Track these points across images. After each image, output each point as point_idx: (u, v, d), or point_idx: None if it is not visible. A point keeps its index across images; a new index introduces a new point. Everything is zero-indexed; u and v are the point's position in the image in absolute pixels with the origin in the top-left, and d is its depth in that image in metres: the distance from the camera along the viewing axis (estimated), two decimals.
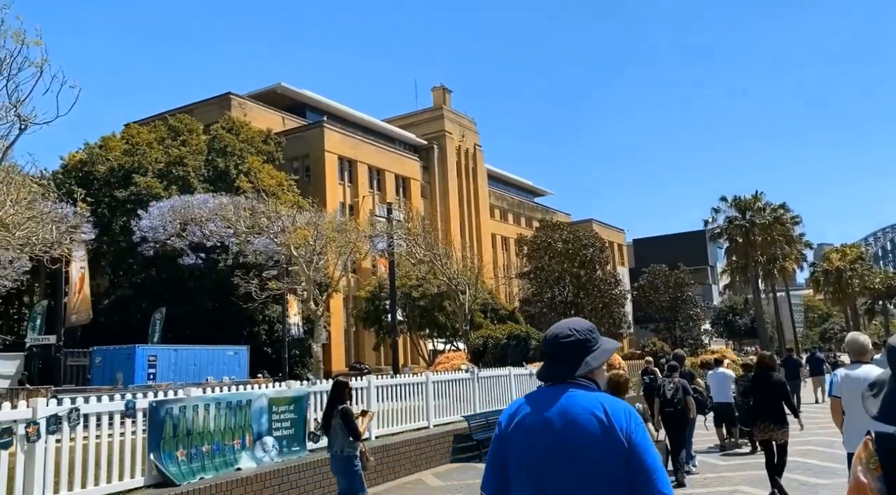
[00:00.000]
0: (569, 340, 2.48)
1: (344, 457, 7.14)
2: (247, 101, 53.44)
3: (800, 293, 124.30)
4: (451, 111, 67.90)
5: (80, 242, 23.65)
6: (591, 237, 25.03)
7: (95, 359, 28.26)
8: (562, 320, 2.66)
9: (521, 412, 2.46)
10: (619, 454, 2.22)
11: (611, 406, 2.32)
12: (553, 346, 2.51)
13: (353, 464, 7.12)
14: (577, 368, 2.42)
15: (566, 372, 2.43)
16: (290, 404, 9.63)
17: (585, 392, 2.38)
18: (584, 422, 2.28)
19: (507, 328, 23.66)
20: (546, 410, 2.36)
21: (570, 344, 2.47)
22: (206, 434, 8.20)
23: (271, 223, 19.45)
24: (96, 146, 43.08)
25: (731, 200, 46.50)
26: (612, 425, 2.26)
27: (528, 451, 2.35)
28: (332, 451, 7.30)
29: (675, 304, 35.04)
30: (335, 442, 7.23)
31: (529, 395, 2.53)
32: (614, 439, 2.24)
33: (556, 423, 2.31)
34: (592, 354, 2.47)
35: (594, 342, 2.51)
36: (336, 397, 7.34)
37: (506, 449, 2.44)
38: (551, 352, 2.52)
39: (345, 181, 52.77)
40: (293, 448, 9.53)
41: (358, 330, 48.28)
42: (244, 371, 31.92)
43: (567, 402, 2.35)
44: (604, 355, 2.51)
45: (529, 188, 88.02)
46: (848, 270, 52.72)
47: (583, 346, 2.47)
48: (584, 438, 2.26)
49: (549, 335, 2.53)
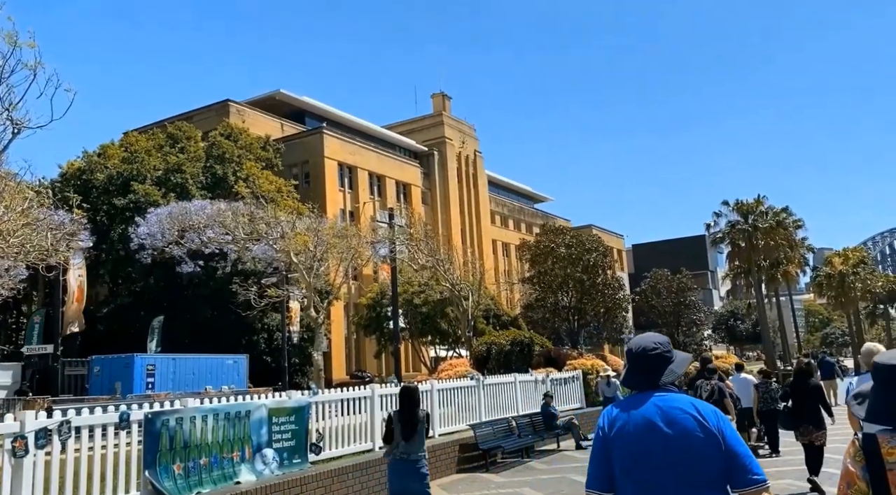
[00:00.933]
0: (655, 352, 2.83)
1: (420, 459, 7.25)
2: (245, 107, 53.28)
3: (800, 298, 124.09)
4: (450, 117, 67.78)
5: (77, 250, 23.36)
6: (594, 241, 24.73)
7: (94, 368, 27.92)
8: (642, 334, 3.02)
9: (620, 418, 2.75)
10: (717, 445, 2.60)
11: (701, 406, 2.70)
12: (641, 358, 2.83)
13: (426, 465, 7.34)
14: (662, 376, 2.78)
15: (655, 380, 2.78)
16: (290, 415, 9.31)
17: (675, 395, 2.74)
18: (683, 422, 2.64)
19: (511, 334, 23.32)
20: (646, 414, 2.69)
21: (656, 356, 2.83)
22: (204, 446, 7.88)
23: (270, 229, 19.15)
24: (95, 154, 42.89)
25: (734, 204, 46.22)
26: (707, 422, 2.63)
27: (636, 452, 2.65)
28: (414, 455, 7.23)
29: (678, 309, 34.72)
30: (417, 445, 7.24)
31: (622, 403, 2.83)
32: (710, 434, 2.61)
33: (660, 424, 2.65)
34: (675, 363, 2.83)
35: (672, 353, 2.87)
36: (417, 401, 7.52)
37: (610, 452, 2.72)
38: (640, 364, 2.83)
39: (345, 187, 52.53)
40: (294, 460, 9.21)
41: (359, 337, 47.93)
42: (243, 380, 31.59)
43: (664, 405, 2.70)
44: (684, 364, 2.87)
45: (529, 194, 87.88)
46: (850, 274, 52.38)
47: (666, 357, 2.84)
48: (686, 435, 2.61)
49: (637, 348, 2.86)
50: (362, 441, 10.86)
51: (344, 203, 50.49)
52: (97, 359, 28.33)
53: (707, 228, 48.23)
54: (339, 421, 10.43)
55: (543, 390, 17.23)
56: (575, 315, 25.56)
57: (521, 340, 22.23)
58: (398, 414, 7.38)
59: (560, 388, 18.60)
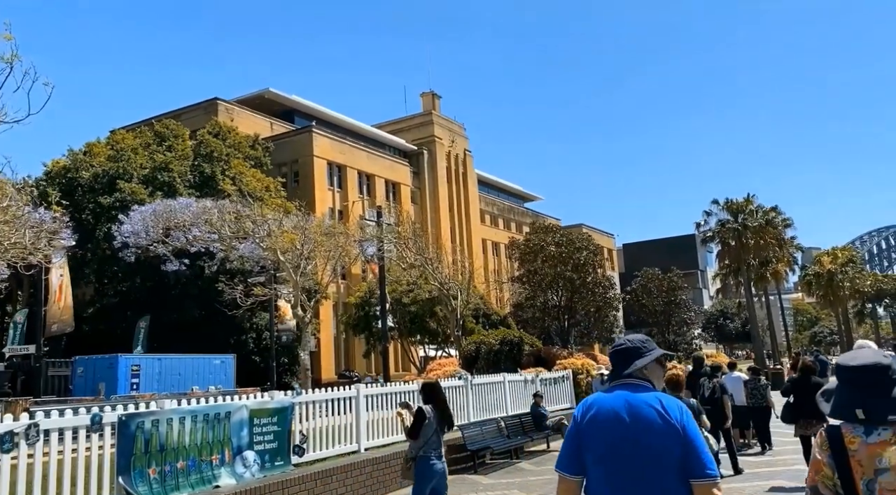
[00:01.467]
0: (622, 347, 3.12)
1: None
2: (234, 106, 52.88)
3: (788, 297, 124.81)
4: (440, 116, 67.57)
5: (59, 249, 22.96)
6: (585, 240, 24.55)
7: (77, 369, 27.52)
8: (626, 335, 3.32)
9: (592, 408, 3.01)
10: (676, 437, 2.82)
11: (666, 401, 2.93)
12: (612, 354, 3.14)
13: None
14: (627, 368, 3.04)
15: (621, 373, 3.06)
16: (273, 416, 9.07)
17: (644, 390, 2.99)
18: (646, 414, 2.87)
19: (500, 333, 23.13)
20: (614, 406, 2.94)
21: (623, 350, 3.11)
22: (182, 449, 7.63)
23: (257, 227, 18.86)
24: (81, 152, 42.37)
25: (724, 203, 46.23)
26: (669, 415, 2.86)
27: (605, 441, 2.90)
28: (439, 452, 7.04)
29: (669, 308, 34.62)
30: (440, 444, 7.06)
31: (597, 395, 3.09)
32: (671, 426, 2.84)
33: (624, 416, 2.90)
34: (641, 358, 3.05)
35: (645, 350, 3.10)
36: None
37: (581, 439, 2.98)
38: (612, 360, 3.14)
39: (334, 187, 52.22)
40: (276, 462, 8.96)
41: (348, 337, 47.64)
42: (231, 380, 31.26)
43: (631, 399, 2.94)
44: (648, 358, 3.07)
45: (519, 193, 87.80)
46: (839, 273, 52.57)
47: (635, 352, 3.08)
48: (648, 426, 2.85)
49: (614, 346, 3.16)
50: (347, 442, 10.62)
51: (333, 202, 50.17)
52: (81, 359, 27.92)
53: (697, 227, 48.26)
54: (324, 422, 10.19)
55: (533, 390, 17.05)
56: (565, 314, 25.38)
57: (511, 340, 22.06)
58: (434, 410, 7.11)
59: (550, 388, 18.43)
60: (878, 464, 2.41)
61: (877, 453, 2.43)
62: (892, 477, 2.37)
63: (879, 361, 2.62)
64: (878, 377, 2.57)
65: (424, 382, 7.93)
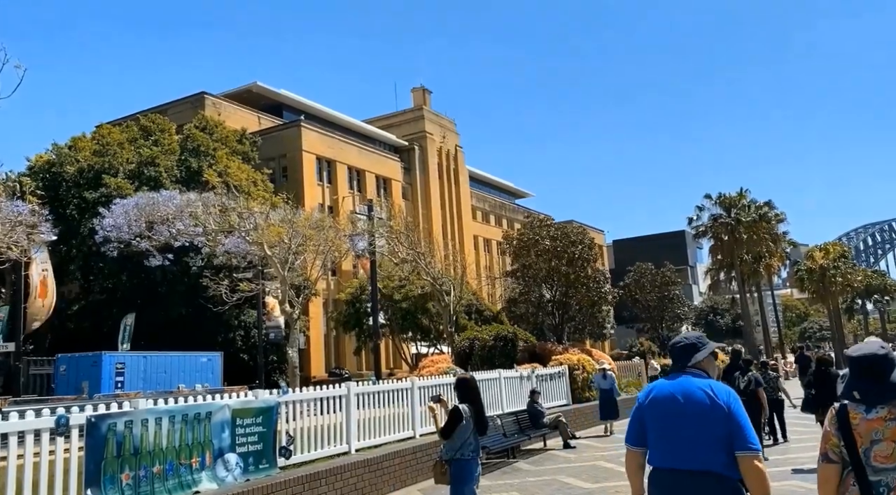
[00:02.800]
0: (683, 343, 3.73)
1: None
2: (221, 100, 52.09)
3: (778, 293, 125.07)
4: (431, 112, 66.94)
5: (40, 244, 22.28)
6: (579, 233, 24.10)
7: (60, 367, 26.80)
8: (681, 335, 3.91)
9: (653, 392, 3.66)
10: (721, 416, 3.39)
11: (716, 386, 3.52)
12: (673, 349, 3.75)
13: None
14: (688, 362, 3.65)
15: (682, 365, 3.66)
16: (257, 416, 8.53)
17: (697, 377, 3.59)
18: (698, 397, 3.47)
19: (494, 329, 22.63)
20: (671, 390, 3.57)
21: (683, 346, 3.72)
22: (158, 452, 7.09)
23: (243, 220, 18.27)
24: (65, 147, 41.55)
25: (716, 198, 45.92)
26: (717, 398, 3.44)
27: (660, 417, 3.54)
28: (478, 454, 6.65)
29: (662, 303, 34.25)
30: (478, 445, 6.65)
31: (659, 382, 3.72)
32: (718, 406, 3.41)
33: (679, 398, 3.51)
34: (699, 352, 3.66)
35: (702, 345, 3.71)
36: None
37: (643, 417, 3.64)
38: (673, 353, 3.74)
39: (324, 182, 51.56)
40: (261, 465, 8.43)
41: (338, 334, 47.04)
42: (218, 378, 30.66)
43: (686, 384, 3.55)
44: (705, 352, 3.67)
45: (511, 190, 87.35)
46: (831, 268, 52.45)
47: (692, 347, 3.68)
48: (698, 406, 3.44)
49: (671, 342, 3.83)
50: (337, 443, 10.10)
51: (323, 197, 49.51)
52: (63, 357, 27.21)
53: (689, 222, 47.92)
54: (312, 422, 9.67)
55: (529, 386, 16.59)
56: (559, 309, 24.94)
57: (505, 335, 21.56)
58: (472, 408, 6.62)
59: (546, 385, 17.97)
60: (874, 436, 3.05)
61: (874, 427, 3.06)
62: (884, 447, 3.03)
63: (875, 352, 3.19)
64: (872, 365, 3.15)
65: (459, 378, 7.27)
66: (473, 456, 6.53)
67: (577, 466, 12.20)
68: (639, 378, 25.20)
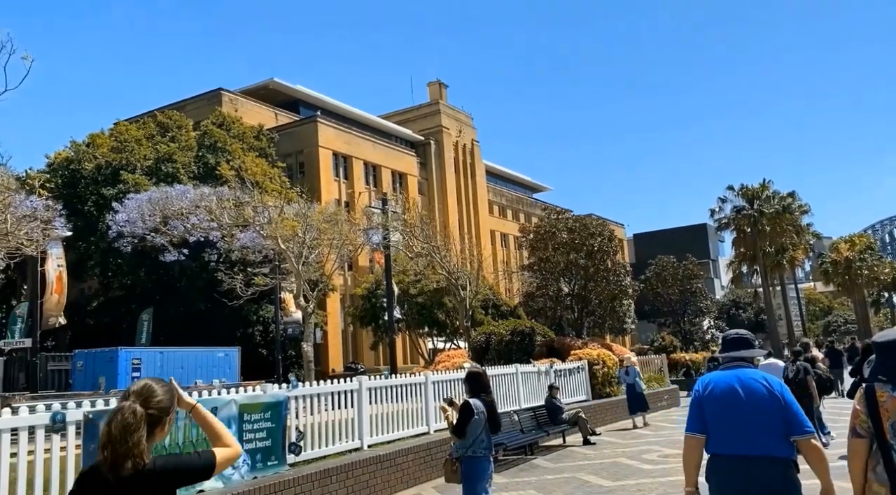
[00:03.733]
0: (737, 337, 4.16)
1: None
2: (238, 96, 52.17)
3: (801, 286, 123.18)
4: (447, 106, 66.51)
5: (55, 239, 22.29)
6: (598, 226, 23.58)
7: (77, 362, 26.88)
8: (732, 329, 4.45)
9: (711, 383, 3.99)
10: (777, 405, 3.79)
11: (769, 378, 3.96)
12: (730, 341, 4.16)
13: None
14: (743, 353, 4.09)
15: (737, 358, 4.09)
16: (265, 411, 8.27)
17: (752, 370, 4.01)
18: (754, 387, 3.86)
19: (511, 323, 22.25)
20: (729, 381, 3.92)
21: (738, 339, 4.14)
22: (161, 450, 6.85)
23: (257, 214, 18.09)
24: (84, 144, 41.81)
25: (739, 189, 45.06)
26: (772, 388, 3.85)
27: (719, 406, 3.87)
28: (490, 451, 6.31)
29: (684, 297, 33.60)
30: (490, 442, 6.29)
31: (715, 374, 4.06)
32: (773, 395, 3.82)
33: (737, 388, 3.88)
34: (752, 348, 4.13)
35: (752, 341, 4.18)
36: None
37: (703, 406, 3.94)
38: (729, 345, 4.15)
39: (340, 177, 51.44)
40: (270, 462, 8.18)
41: (355, 329, 46.96)
42: (235, 373, 30.62)
43: (742, 376, 3.93)
44: (756, 349, 4.16)
45: (528, 184, 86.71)
46: (857, 260, 51.28)
47: (745, 342, 4.13)
48: (755, 395, 3.83)
49: (727, 337, 4.23)
50: (349, 439, 9.83)
51: (339, 193, 49.37)
52: (80, 353, 27.29)
53: (711, 214, 47.11)
54: (323, 418, 9.41)
55: (547, 382, 16.22)
56: (578, 303, 24.48)
57: (522, 330, 21.17)
58: (486, 404, 6.30)
59: (564, 380, 17.59)
60: None
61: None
62: None
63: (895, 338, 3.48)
64: (894, 350, 3.41)
65: (470, 371, 6.88)
66: (486, 454, 6.20)
67: (597, 463, 11.83)
68: (660, 373, 24.68)
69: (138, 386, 2.61)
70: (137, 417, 2.47)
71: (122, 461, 2.42)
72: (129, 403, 2.51)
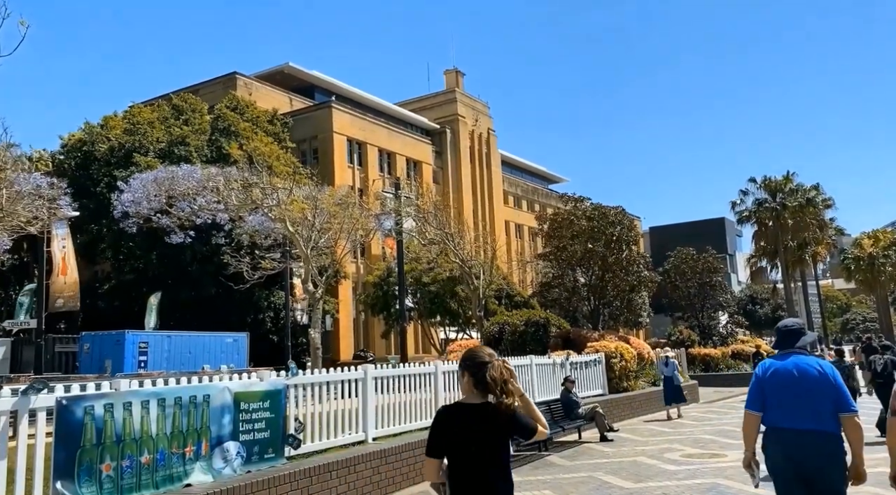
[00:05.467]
0: (792, 328, 4.80)
1: None
2: (253, 81, 51.73)
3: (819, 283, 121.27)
4: (464, 94, 65.68)
5: (60, 219, 21.88)
6: (618, 214, 22.83)
7: (83, 345, 26.62)
8: (787, 318, 5.19)
9: (770, 367, 4.67)
10: (829, 386, 4.40)
11: (822, 363, 4.57)
12: (786, 331, 4.79)
13: None
14: (797, 342, 4.70)
15: (793, 344, 4.70)
16: (263, 400, 7.71)
17: (806, 355, 4.64)
18: (809, 371, 4.49)
19: (525, 314, 21.62)
20: (787, 366, 4.59)
21: (792, 330, 4.78)
22: (147, 440, 6.30)
23: (266, 196, 17.55)
24: (97, 126, 41.58)
25: (761, 181, 43.92)
26: (825, 371, 4.47)
27: (778, 386, 4.54)
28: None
29: (703, 290, 32.74)
30: None
31: (774, 359, 4.75)
32: (825, 378, 4.44)
33: (794, 372, 4.53)
34: (806, 336, 4.75)
35: (805, 329, 4.83)
36: None
37: (763, 387, 4.62)
38: (785, 334, 4.77)
39: (354, 164, 50.92)
40: (266, 455, 7.61)
41: (367, 317, 46.55)
42: (244, 359, 30.29)
43: (798, 361, 4.58)
44: (811, 337, 4.81)
45: (544, 174, 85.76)
46: (881, 257, 50.00)
47: (799, 331, 4.77)
48: (809, 378, 4.47)
49: (782, 326, 4.87)
50: (353, 430, 9.26)
51: (353, 180, 48.83)
52: (87, 335, 27.02)
53: (732, 206, 45.97)
54: (326, 408, 8.84)
55: (562, 374, 15.58)
56: (595, 294, 23.77)
57: (537, 321, 20.54)
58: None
59: (581, 373, 16.93)
60: None
61: None
62: None
63: None
64: None
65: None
66: None
67: (616, 462, 11.19)
68: (680, 368, 23.94)
69: (490, 350, 3.71)
70: (508, 368, 3.57)
71: (512, 393, 3.47)
72: (498, 360, 3.58)
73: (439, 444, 3.56)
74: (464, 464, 3.46)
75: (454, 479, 3.49)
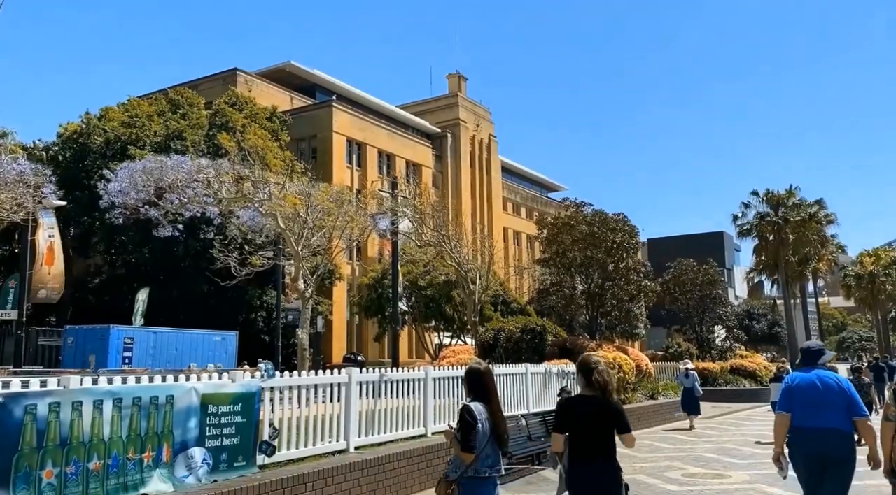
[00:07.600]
0: (814, 348, 6.03)
1: None
2: (254, 78, 51.18)
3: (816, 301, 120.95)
4: (466, 99, 65.21)
5: (46, 207, 21.26)
6: (620, 220, 22.28)
7: (68, 339, 25.93)
8: (809, 341, 6.71)
9: (797, 379, 5.83)
10: (845, 396, 5.56)
11: (840, 378, 5.80)
12: (811, 351, 6.00)
13: None
14: (819, 359, 5.91)
15: (815, 361, 5.90)
16: (234, 403, 7.09)
17: (827, 371, 5.82)
18: (829, 383, 5.65)
19: (521, 321, 21.03)
20: (811, 378, 5.73)
21: (815, 350, 6.01)
22: (97, 444, 5.68)
23: (257, 190, 16.96)
24: (95, 117, 41.02)
25: (763, 195, 43.41)
26: (841, 385, 5.65)
27: (804, 393, 5.65)
28: (497, 468, 4.99)
29: (703, 303, 32.16)
30: (498, 457, 5.01)
31: (799, 372, 5.94)
32: (842, 389, 5.60)
33: (817, 383, 5.67)
34: (825, 354, 5.98)
35: (824, 349, 6.07)
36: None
37: (791, 394, 5.75)
38: (809, 353, 5.99)
39: (353, 164, 50.36)
40: (235, 463, 6.99)
41: (360, 320, 45.88)
42: (232, 358, 29.63)
43: (821, 375, 5.74)
44: (829, 355, 6.05)
45: (544, 182, 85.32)
46: (881, 275, 49.53)
47: (820, 350, 6.00)
48: (829, 389, 5.61)
49: (807, 347, 6.10)
50: (333, 438, 8.63)
51: (352, 180, 48.25)
52: (71, 329, 26.35)
53: (734, 219, 45.47)
54: (304, 412, 8.21)
55: (559, 384, 14.97)
56: (593, 302, 23.17)
57: (533, 328, 19.94)
58: (487, 409, 4.94)
59: (577, 383, 16.32)
60: None
61: None
62: None
63: None
64: None
65: (470, 368, 5.34)
66: (490, 473, 4.88)
67: None
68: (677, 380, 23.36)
69: (598, 358, 5.26)
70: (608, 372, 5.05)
71: (612, 391, 4.96)
72: (602, 367, 5.02)
73: (564, 423, 4.91)
74: (580, 438, 4.76)
75: (572, 448, 4.78)
